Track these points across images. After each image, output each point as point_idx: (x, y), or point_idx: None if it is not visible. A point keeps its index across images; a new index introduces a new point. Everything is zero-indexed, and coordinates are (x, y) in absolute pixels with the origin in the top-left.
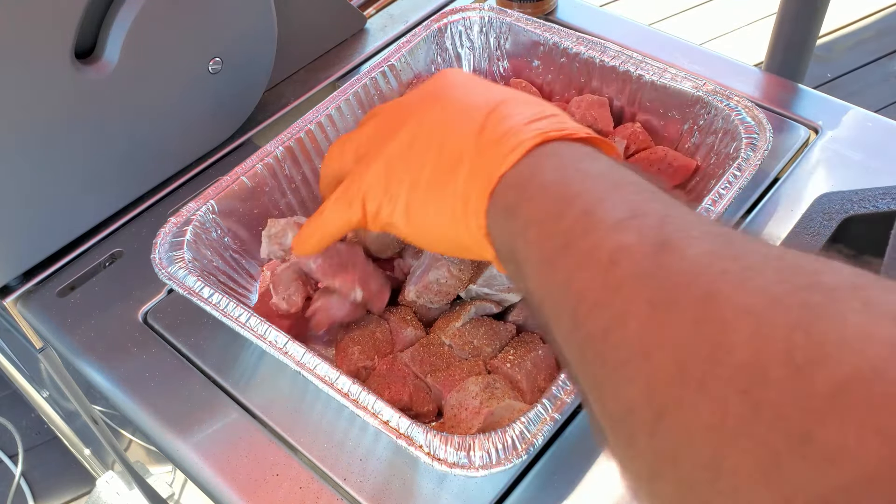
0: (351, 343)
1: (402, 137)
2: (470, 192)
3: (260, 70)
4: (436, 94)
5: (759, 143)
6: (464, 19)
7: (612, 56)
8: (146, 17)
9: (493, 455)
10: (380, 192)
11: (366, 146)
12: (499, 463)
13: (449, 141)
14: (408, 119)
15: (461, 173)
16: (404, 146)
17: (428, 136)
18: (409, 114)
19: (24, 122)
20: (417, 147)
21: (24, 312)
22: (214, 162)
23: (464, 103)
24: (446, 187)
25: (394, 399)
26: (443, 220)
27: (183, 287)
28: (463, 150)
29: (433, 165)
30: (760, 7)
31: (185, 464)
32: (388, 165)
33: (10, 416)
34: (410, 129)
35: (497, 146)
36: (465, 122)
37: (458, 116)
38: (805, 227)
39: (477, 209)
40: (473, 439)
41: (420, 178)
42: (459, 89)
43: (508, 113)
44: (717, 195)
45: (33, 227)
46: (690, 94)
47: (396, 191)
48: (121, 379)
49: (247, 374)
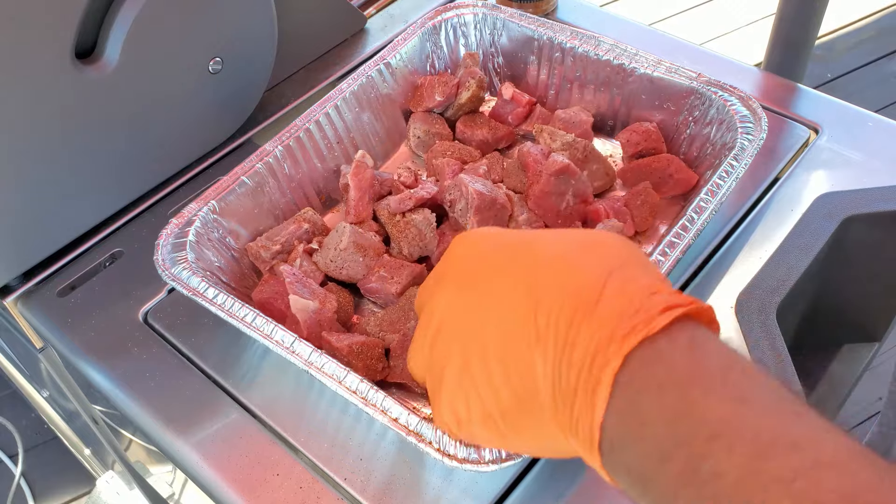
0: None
1: (456, 361)
2: (580, 413)
3: (260, 70)
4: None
5: (755, 133)
6: (458, 16)
7: (606, 50)
8: (146, 16)
9: (503, 449)
10: (454, 420)
11: (435, 366)
12: (509, 457)
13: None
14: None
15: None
16: (462, 369)
17: (481, 356)
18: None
19: (25, 122)
20: (477, 369)
21: (25, 312)
22: (214, 162)
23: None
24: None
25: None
26: (539, 440)
27: (187, 288)
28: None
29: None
30: (760, 7)
31: (185, 464)
32: (452, 392)
33: (10, 416)
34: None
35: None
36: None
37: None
38: (805, 227)
39: (589, 426)
40: None
41: (497, 406)
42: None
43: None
44: (715, 185)
45: (33, 227)
46: (685, 85)
47: (477, 415)
48: (121, 379)
49: (247, 374)
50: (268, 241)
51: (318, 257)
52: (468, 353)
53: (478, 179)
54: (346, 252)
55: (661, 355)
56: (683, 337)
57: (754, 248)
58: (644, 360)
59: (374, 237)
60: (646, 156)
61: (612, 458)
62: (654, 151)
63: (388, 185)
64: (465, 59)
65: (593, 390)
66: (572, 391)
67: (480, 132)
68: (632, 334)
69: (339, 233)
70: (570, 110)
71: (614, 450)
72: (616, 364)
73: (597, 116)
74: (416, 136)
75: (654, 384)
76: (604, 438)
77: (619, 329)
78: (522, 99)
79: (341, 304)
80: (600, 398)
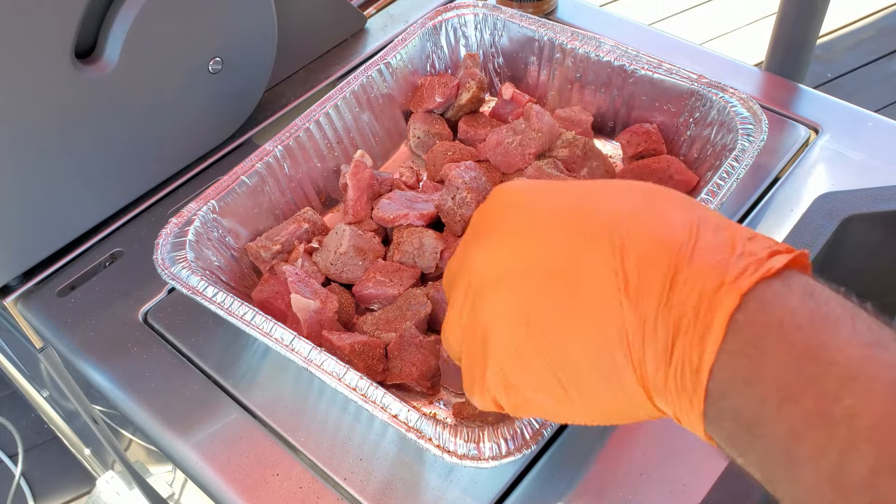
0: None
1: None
2: (686, 352)
3: (260, 70)
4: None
5: (755, 134)
6: (458, 16)
7: (606, 51)
8: (146, 16)
9: (503, 446)
10: (502, 385)
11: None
12: (508, 453)
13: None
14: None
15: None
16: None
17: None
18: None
19: (25, 122)
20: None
21: (24, 312)
22: (214, 162)
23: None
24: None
25: (425, 367)
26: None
27: (186, 287)
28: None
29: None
30: (760, 7)
31: (185, 464)
32: (504, 355)
33: (10, 416)
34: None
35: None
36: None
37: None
38: (805, 227)
39: (695, 372)
40: (482, 431)
41: (570, 352)
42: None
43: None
44: (716, 186)
45: (33, 227)
46: (685, 87)
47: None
48: (121, 379)
49: (247, 374)
50: (268, 240)
51: (318, 258)
52: (527, 307)
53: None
54: (345, 255)
55: (780, 298)
56: (797, 282)
57: None
58: (762, 301)
59: (373, 238)
60: (646, 157)
61: (720, 404)
62: (655, 153)
63: (387, 185)
64: (465, 59)
65: (702, 334)
66: (670, 339)
67: (483, 132)
68: (744, 276)
69: (338, 235)
70: (569, 109)
71: (724, 395)
72: (731, 304)
73: (597, 117)
74: (416, 136)
75: (776, 325)
76: (712, 383)
77: (729, 271)
78: (523, 99)
79: (343, 305)
80: (711, 340)
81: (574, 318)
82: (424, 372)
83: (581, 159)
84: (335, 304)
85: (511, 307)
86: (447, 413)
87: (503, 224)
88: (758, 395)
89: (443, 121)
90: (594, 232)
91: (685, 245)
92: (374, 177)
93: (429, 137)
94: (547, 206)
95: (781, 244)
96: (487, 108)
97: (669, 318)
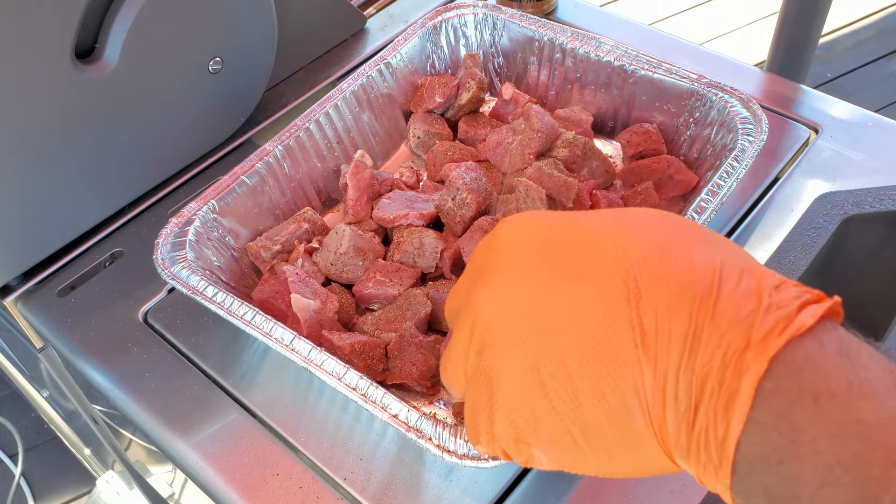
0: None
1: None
2: (712, 420)
3: (260, 70)
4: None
5: (755, 134)
6: (458, 16)
7: (606, 51)
8: (146, 16)
9: None
10: (511, 438)
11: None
12: None
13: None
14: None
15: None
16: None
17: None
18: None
19: (24, 122)
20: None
21: (24, 312)
22: (214, 162)
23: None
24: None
25: (425, 367)
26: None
27: (186, 287)
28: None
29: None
30: (760, 7)
31: (185, 464)
32: (513, 405)
33: (10, 416)
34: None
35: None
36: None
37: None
38: (805, 227)
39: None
40: None
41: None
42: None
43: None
44: (716, 186)
45: (33, 227)
46: (685, 87)
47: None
48: (121, 379)
49: (247, 374)
50: (268, 240)
51: (318, 258)
52: (537, 360)
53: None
54: (345, 256)
55: (812, 360)
56: (830, 339)
57: (754, 248)
58: (793, 365)
59: (373, 238)
60: (646, 157)
61: (749, 479)
62: (655, 153)
63: (387, 185)
64: (465, 60)
65: (727, 402)
66: (693, 403)
67: (483, 132)
68: (772, 336)
69: (338, 235)
70: (569, 109)
71: (753, 470)
72: (759, 371)
73: (597, 117)
74: (416, 136)
75: (810, 394)
76: (740, 456)
77: (756, 330)
78: (523, 99)
79: (343, 305)
80: (738, 410)
81: (588, 373)
82: (424, 372)
83: (581, 159)
84: (335, 304)
85: (520, 358)
86: (447, 413)
87: (512, 264)
88: (792, 474)
89: (443, 121)
90: (607, 279)
91: (707, 296)
92: (374, 177)
93: (429, 137)
94: (557, 248)
95: (811, 291)
96: (487, 108)
97: (692, 380)
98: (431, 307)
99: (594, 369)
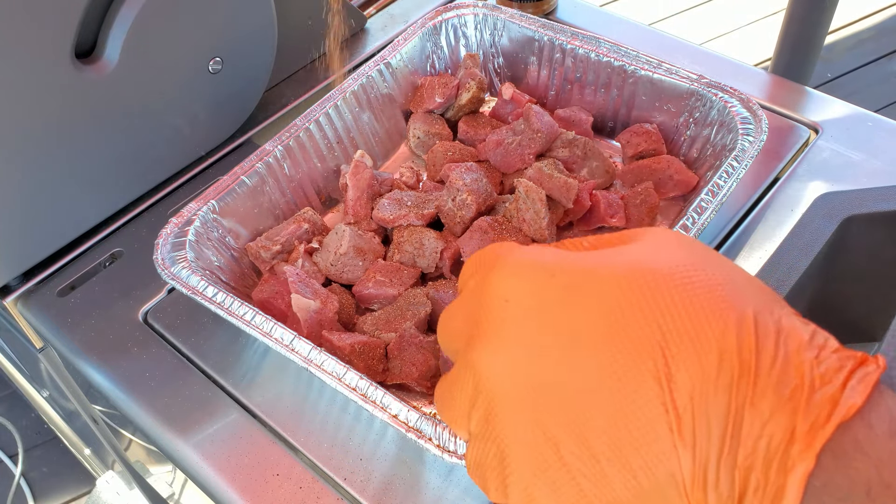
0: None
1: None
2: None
3: (260, 70)
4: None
5: (755, 134)
6: (458, 16)
7: (606, 51)
8: (146, 16)
9: None
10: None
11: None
12: None
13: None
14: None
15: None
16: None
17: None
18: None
19: (25, 122)
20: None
21: (24, 312)
22: (214, 162)
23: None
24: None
25: (425, 367)
26: None
27: (186, 287)
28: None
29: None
30: (761, 7)
31: (185, 464)
32: (530, 479)
33: (10, 416)
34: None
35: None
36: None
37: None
38: (805, 227)
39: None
40: None
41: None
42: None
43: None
44: (716, 186)
45: (33, 227)
46: (685, 87)
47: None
48: (121, 379)
49: (247, 374)
50: (268, 240)
51: (318, 258)
52: (556, 438)
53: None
54: (345, 256)
55: (862, 447)
56: (879, 418)
57: (754, 248)
58: (840, 455)
59: (373, 238)
60: (646, 157)
61: None
62: (655, 153)
63: (387, 185)
64: (465, 60)
65: (773, 498)
66: (737, 494)
67: (483, 132)
68: (819, 425)
69: (338, 235)
70: (569, 109)
71: None
72: (806, 468)
73: (597, 117)
74: (416, 136)
75: (861, 488)
76: None
77: (801, 418)
78: (523, 99)
79: (343, 305)
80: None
81: (618, 457)
82: (424, 372)
83: (581, 159)
84: (335, 304)
85: (536, 431)
86: None
87: (508, 327)
88: None
89: (443, 121)
90: (628, 351)
91: (746, 371)
92: (374, 177)
93: (429, 137)
94: (559, 307)
95: (853, 355)
96: (487, 109)
97: (734, 472)
98: (431, 307)
99: (624, 452)
